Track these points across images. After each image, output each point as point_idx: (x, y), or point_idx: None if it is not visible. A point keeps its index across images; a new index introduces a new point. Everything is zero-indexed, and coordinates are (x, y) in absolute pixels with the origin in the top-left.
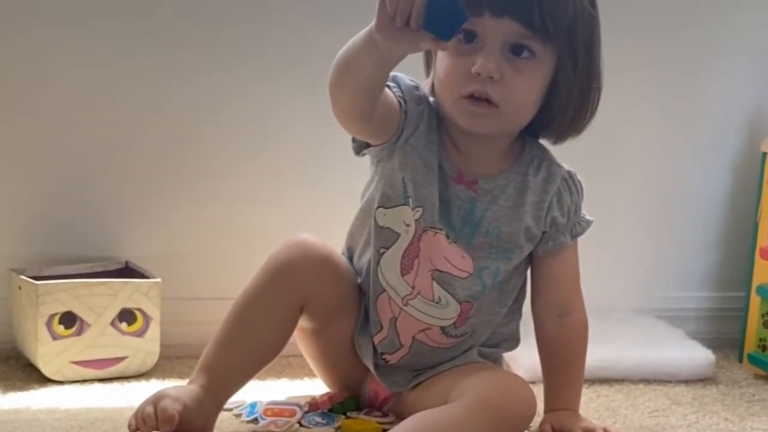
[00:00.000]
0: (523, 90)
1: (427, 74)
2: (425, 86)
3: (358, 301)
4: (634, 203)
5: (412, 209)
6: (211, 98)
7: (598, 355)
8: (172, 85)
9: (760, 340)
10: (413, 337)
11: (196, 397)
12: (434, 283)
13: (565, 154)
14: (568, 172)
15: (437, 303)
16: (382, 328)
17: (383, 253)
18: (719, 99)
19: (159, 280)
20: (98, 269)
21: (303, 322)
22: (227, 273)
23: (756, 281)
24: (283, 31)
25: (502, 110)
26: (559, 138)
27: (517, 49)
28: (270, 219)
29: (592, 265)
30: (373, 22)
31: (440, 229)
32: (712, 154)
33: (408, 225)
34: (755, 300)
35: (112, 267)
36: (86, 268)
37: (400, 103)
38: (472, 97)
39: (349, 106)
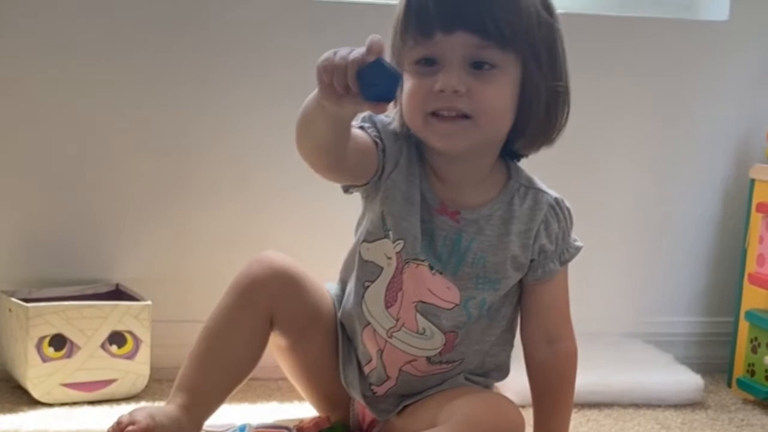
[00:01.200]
0: (493, 98)
1: (394, 105)
2: (394, 120)
3: (333, 316)
4: (623, 229)
5: (393, 242)
6: (203, 125)
7: (587, 379)
8: (166, 110)
9: (749, 365)
10: (400, 369)
11: (174, 416)
12: (418, 315)
13: (555, 180)
14: (555, 198)
15: (421, 334)
16: (371, 359)
17: (368, 287)
18: (708, 127)
19: (149, 302)
20: (88, 292)
21: (277, 339)
22: (218, 296)
23: (744, 306)
24: (273, 62)
25: (477, 121)
26: (532, 145)
27: (477, 64)
28: (261, 243)
29: (582, 289)
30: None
31: (423, 261)
32: (701, 180)
33: (390, 258)
34: (744, 325)
35: (102, 289)
36: (76, 290)
37: (376, 142)
38: (441, 117)
39: (317, 161)
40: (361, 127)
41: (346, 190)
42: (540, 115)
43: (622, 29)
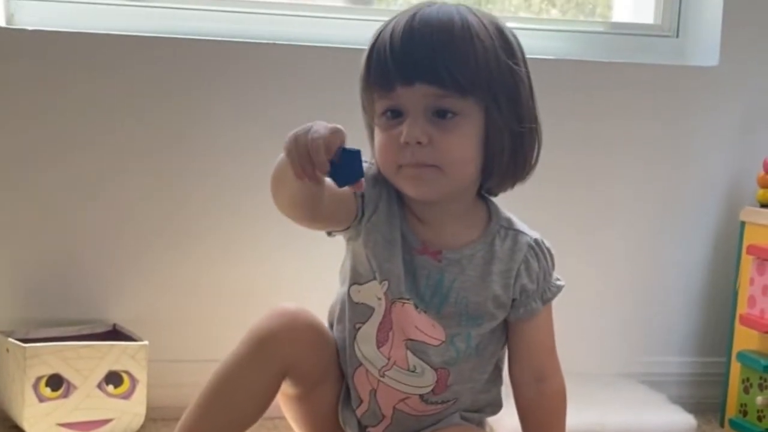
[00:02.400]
0: (456, 147)
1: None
2: (373, 165)
3: (341, 368)
4: (618, 270)
5: (380, 283)
6: (200, 168)
7: (583, 419)
8: (163, 153)
9: (741, 405)
10: (394, 407)
11: None
12: (408, 353)
13: (551, 224)
14: (535, 239)
15: (413, 372)
16: (362, 401)
17: (359, 328)
18: (699, 170)
19: (146, 342)
20: (86, 332)
21: (287, 388)
22: (215, 336)
23: (736, 347)
24: (261, 103)
25: (443, 170)
26: (502, 185)
27: (440, 113)
28: (258, 282)
29: (575, 330)
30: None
31: (408, 300)
32: (693, 223)
33: (379, 299)
34: (736, 366)
35: (99, 330)
36: (74, 330)
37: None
38: (409, 169)
39: (293, 214)
40: None
41: (329, 233)
42: (505, 158)
43: (613, 75)
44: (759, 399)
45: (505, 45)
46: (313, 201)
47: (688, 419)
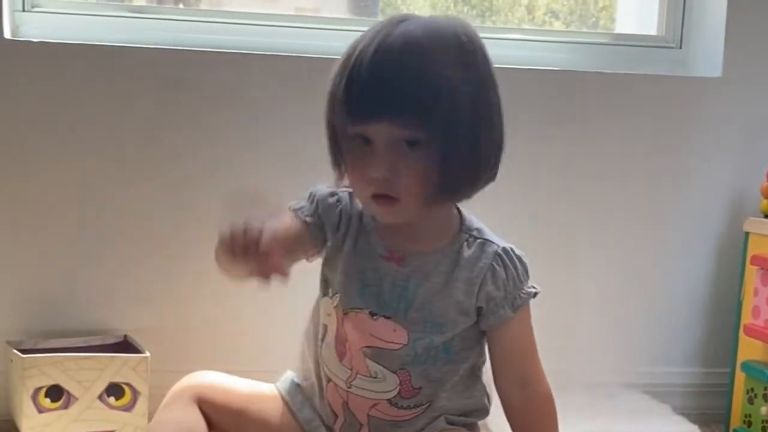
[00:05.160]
0: (419, 177)
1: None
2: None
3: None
4: (622, 282)
5: (330, 298)
6: (206, 185)
7: (585, 429)
8: (172, 170)
9: (746, 415)
10: (367, 414)
11: None
12: (367, 360)
13: (555, 237)
14: (503, 248)
15: (375, 378)
16: (337, 416)
17: (321, 346)
18: (702, 181)
19: (147, 355)
20: (95, 342)
21: None
22: (218, 348)
23: (740, 358)
24: (266, 114)
25: (404, 202)
26: (456, 197)
27: (409, 142)
28: (260, 294)
29: (579, 340)
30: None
31: (362, 309)
32: (697, 233)
33: (329, 314)
34: (740, 376)
35: (109, 341)
36: (83, 341)
37: (312, 225)
38: (377, 200)
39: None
40: (295, 210)
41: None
42: (461, 176)
43: (616, 86)
44: (763, 409)
45: (466, 67)
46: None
47: (693, 430)
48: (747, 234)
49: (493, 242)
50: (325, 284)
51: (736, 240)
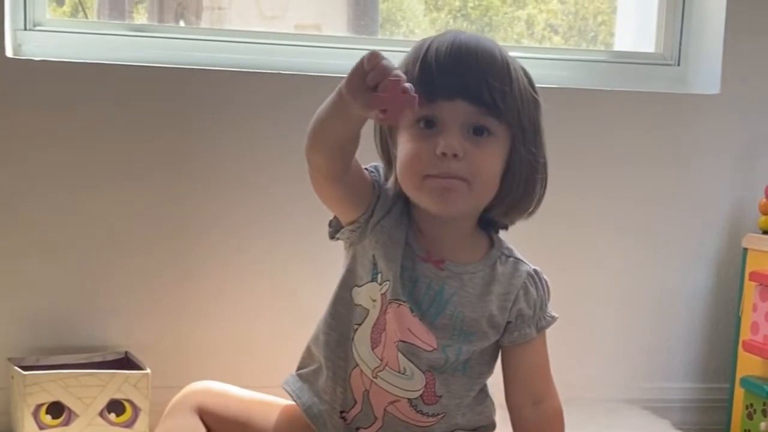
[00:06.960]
0: (488, 164)
1: (389, 174)
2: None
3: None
4: (621, 298)
5: (380, 284)
6: (205, 204)
7: None
8: (171, 192)
9: (745, 431)
10: (385, 409)
11: None
12: (399, 354)
13: (556, 254)
14: (534, 269)
15: (403, 374)
16: (356, 402)
17: (356, 329)
18: (701, 198)
19: (148, 371)
20: (97, 359)
21: None
22: (219, 364)
23: (740, 373)
24: (265, 131)
25: (472, 184)
26: (508, 214)
27: (477, 130)
28: (264, 307)
29: (579, 355)
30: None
31: (404, 302)
32: (696, 250)
33: (374, 300)
34: (739, 392)
35: (111, 357)
36: (84, 358)
37: (374, 184)
38: (437, 177)
39: (325, 166)
40: (368, 168)
41: (333, 236)
42: (520, 186)
43: (615, 103)
44: (762, 425)
45: (530, 81)
46: (345, 150)
47: None
48: (745, 250)
49: (525, 263)
50: (375, 268)
51: (734, 256)
